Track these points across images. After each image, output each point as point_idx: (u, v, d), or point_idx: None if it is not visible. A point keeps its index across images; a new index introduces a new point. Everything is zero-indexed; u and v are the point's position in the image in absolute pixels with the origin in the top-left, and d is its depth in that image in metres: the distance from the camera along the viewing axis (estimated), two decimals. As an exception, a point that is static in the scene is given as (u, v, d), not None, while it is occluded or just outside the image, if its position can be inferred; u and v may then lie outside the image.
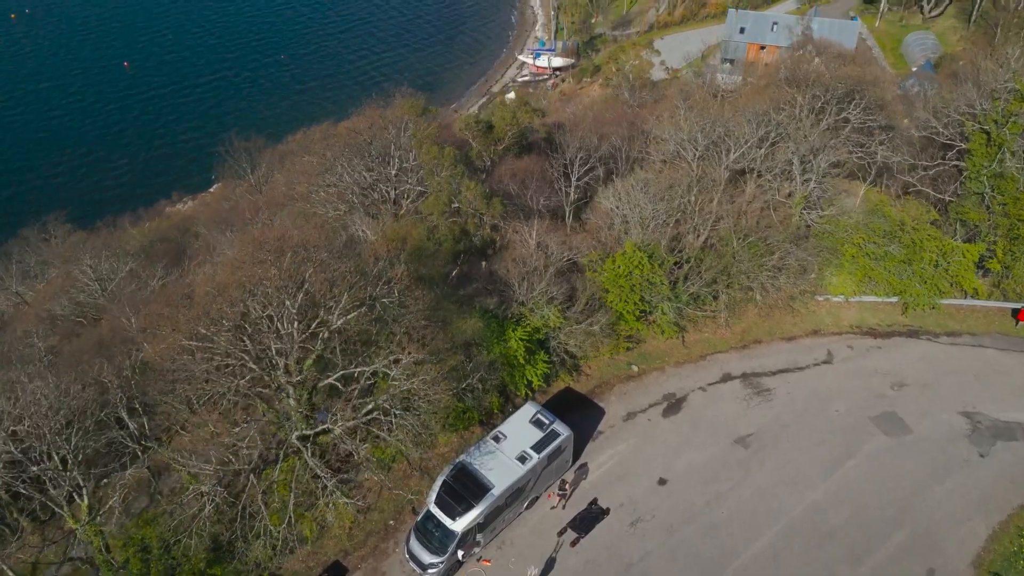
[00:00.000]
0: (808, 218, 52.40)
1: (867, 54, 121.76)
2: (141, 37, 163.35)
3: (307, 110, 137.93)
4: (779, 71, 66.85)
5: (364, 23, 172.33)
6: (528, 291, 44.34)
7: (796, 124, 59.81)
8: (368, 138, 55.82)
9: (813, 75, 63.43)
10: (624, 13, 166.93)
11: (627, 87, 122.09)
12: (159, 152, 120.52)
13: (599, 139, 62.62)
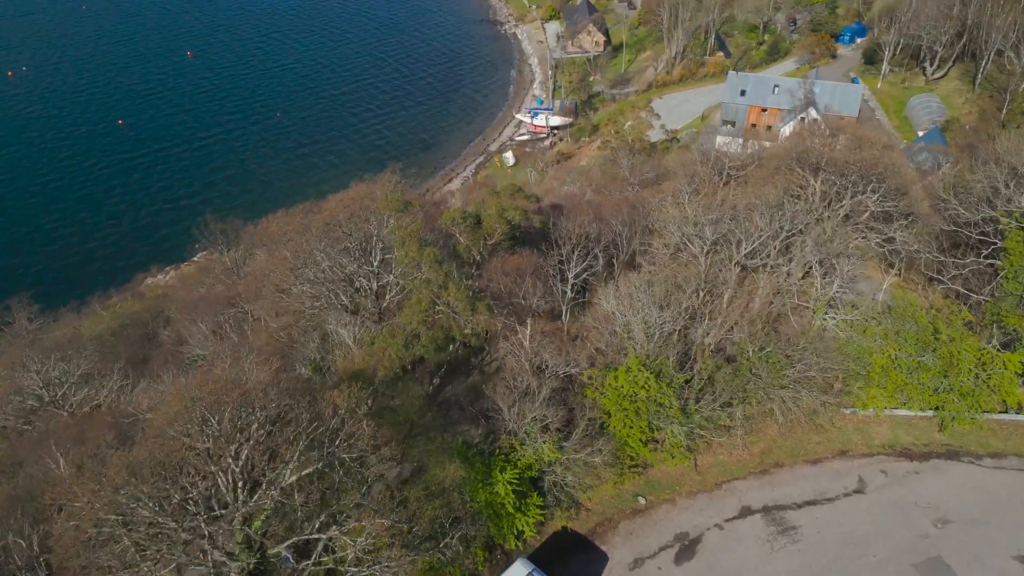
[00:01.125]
0: (830, 323, 46.45)
1: (871, 118, 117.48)
2: (138, 94, 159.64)
3: (301, 172, 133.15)
4: (790, 151, 61.30)
5: (364, 81, 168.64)
6: (519, 417, 38.16)
7: (813, 216, 54.42)
8: (348, 230, 50.22)
9: (826, 157, 58.12)
10: (622, 72, 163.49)
11: (626, 150, 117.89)
12: (144, 219, 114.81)
13: (598, 224, 57.19)
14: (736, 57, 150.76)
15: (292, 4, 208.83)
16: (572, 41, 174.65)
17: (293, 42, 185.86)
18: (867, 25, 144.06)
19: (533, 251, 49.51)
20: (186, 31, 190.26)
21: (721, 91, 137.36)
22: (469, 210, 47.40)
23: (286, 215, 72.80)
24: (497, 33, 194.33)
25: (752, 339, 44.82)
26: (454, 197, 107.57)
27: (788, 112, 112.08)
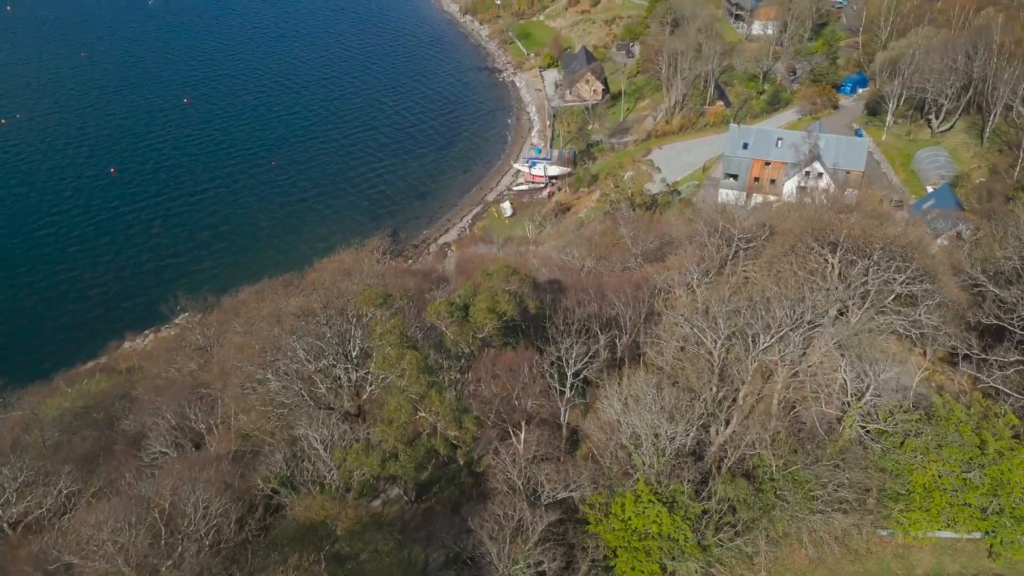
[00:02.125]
0: (863, 433, 40.56)
1: (877, 172, 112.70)
2: (133, 141, 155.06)
3: (292, 226, 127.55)
4: (804, 225, 55.86)
5: (361, 129, 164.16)
6: (509, 563, 32.15)
7: (833, 299, 48.84)
8: (323, 319, 44.56)
9: (844, 232, 52.72)
10: (621, 120, 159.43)
11: (626, 202, 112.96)
12: (127, 276, 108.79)
13: (599, 303, 51.67)
14: (736, 106, 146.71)
15: (293, 53, 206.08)
16: (570, 90, 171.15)
17: (292, 90, 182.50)
18: (868, 75, 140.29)
19: (528, 344, 43.82)
20: (184, 78, 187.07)
21: (722, 141, 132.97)
22: (457, 300, 41.80)
23: (269, 283, 67.30)
24: (495, 81, 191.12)
25: (775, 447, 38.98)
26: (446, 262, 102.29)
27: (792, 166, 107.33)
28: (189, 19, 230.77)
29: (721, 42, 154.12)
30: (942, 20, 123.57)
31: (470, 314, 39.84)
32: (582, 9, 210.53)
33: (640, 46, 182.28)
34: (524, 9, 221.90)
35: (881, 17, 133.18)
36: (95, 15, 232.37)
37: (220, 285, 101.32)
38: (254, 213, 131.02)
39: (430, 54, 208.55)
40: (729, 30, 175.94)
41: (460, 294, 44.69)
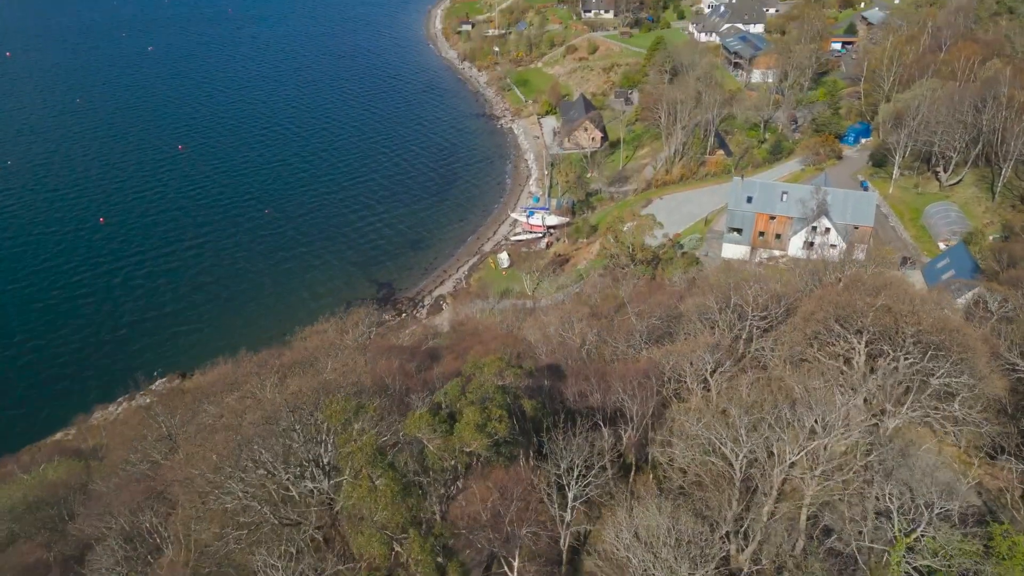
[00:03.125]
0: (910, 569, 34.38)
1: (885, 226, 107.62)
2: (125, 189, 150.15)
3: (283, 281, 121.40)
4: (826, 306, 50.14)
5: (357, 176, 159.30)
6: None
7: (864, 395, 42.97)
8: (292, 423, 38.56)
9: (871, 315, 47.06)
10: (620, 169, 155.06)
11: (626, 255, 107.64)
12: (106, 337, 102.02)
13: (603, 393, 45.83)
14: (737, 156, 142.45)
15: (291, 99, 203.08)
16: (568, 137, 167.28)
17: (289, 137, 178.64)
18: (871, 125, 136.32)
19: (523, 452, 37.84)
20: (181, 124, 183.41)
21: (723, 192, 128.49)
22: (442, 408, 35.86)
23: (245, 360, 61.29)
24: (494, 127, 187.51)
25: None
26: (439, 322, 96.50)
27: (799, 220, 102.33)
28: (188, 65, 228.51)
29: (721, 91, 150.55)
30: (946, 72, 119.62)
31: (456, 431, 33.93)
32: (580, 56, 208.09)
33: (638, 94, 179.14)
34: (522, 56, 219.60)
35: (883, 68, 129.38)
36: (95, 61, 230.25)
37: (201, 348, 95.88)
38: (244, 266, 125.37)
39: (428, 100, 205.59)
40: (728, 78, 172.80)
41: (448, 392, 38.80)
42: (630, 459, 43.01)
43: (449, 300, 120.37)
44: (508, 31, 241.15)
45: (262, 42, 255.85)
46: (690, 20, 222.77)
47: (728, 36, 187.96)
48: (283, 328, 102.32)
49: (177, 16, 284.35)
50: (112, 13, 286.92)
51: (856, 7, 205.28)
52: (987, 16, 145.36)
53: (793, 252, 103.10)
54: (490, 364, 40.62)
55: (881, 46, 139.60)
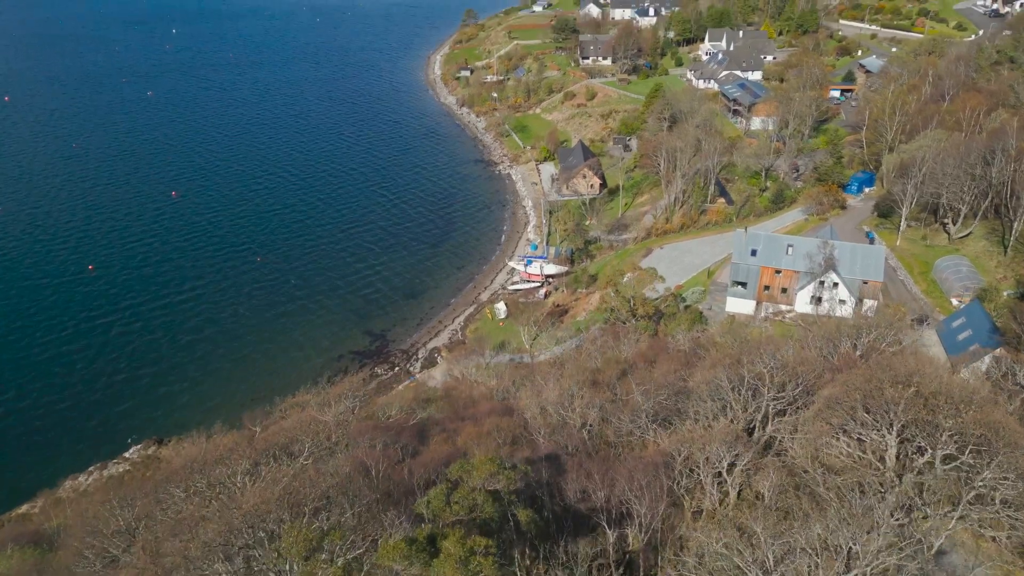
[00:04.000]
0: None
1: (895, 279, 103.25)
2: (115, 236, 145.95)
3: (270, 335, 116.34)
4: (852, 390, 45.19)
5: (352, 223, 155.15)
6: None
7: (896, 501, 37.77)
8: (250, 542, 33.24)
9: (902, 404, 42.06)
10: (619, 216, 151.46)
11: (626, 309, 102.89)
12: (78, 399, 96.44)
13: (607, 490, 40.68)
14: (739, 204, 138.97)
15: (289, 144, 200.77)
16: (567, 184, 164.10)
17: (286, 183, 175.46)
18: (875, 174, 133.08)
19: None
20: (177, 170, 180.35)
21: (725, 241, 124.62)
22: (420, 534, 30.59)
23: (216, 438, 56.00)
24: (492, 173, 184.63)
25: None
26: (433, 379, 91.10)
27: (805, 274, 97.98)
28: (187, 110, 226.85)
29: (720, 138, 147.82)
30: (951, 122, 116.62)
31: (435, 567, 28.67)
32: (578, 103, 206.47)
33: (637, 140, 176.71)
34: (520, 102, 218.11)
35: (885, 117, 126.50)
36: (94, 106, 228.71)
37: (186, 410, 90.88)
38: (237, 318, 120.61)
39: (427, 145, 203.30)
40: (728, 125, 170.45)
41: (431, 501, 33.66)
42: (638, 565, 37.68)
43: (444, 353, 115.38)
44: (507, 77, 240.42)
45: (263, 87, 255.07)
46: (688, 67, 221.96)
47: (727, 83, 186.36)
48: (272, 384, 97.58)
49: (179, 61, 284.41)
50: (114, 58, 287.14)
51: (853, 55, 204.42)
52: (987, 65, 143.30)
53: (800, 307, 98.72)
54: (480, 467, 35.61)
55: (882, 95, 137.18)
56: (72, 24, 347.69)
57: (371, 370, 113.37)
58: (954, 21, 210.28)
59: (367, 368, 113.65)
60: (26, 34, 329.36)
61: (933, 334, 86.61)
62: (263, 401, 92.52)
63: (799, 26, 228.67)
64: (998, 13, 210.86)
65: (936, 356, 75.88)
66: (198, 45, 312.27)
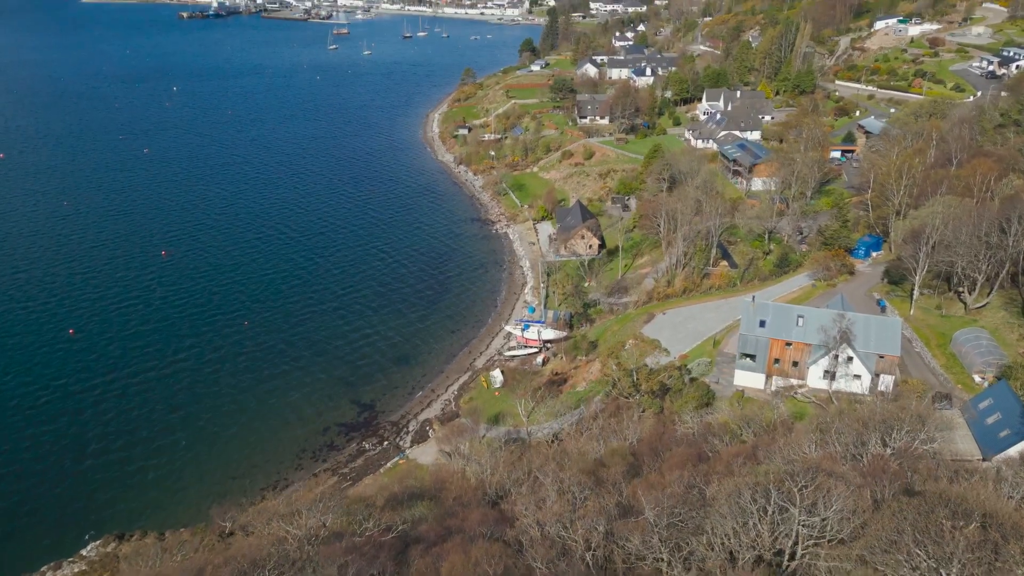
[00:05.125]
0: None
1: (911, 351, 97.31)
2: (101, 298, 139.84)
3: (252, 407, 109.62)
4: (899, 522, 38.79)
5: (343, 284, 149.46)
6: None
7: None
8: None
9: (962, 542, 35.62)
10: (619, 278, 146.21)
11: (629, 384, 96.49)
12: (43, 485, 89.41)
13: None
14: (742, 267, 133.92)
15: (285, 202, 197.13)
16: (565, 244, 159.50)
17: (278, 242, 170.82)
18: (882, 238, 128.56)
19: None
20: (168, 228, 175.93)
21: (730, 307, 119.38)
22: None
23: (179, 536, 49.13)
24: (488, 233, 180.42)
25: None
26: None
27: (817, 347, 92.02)
28: (183, 168, 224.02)
29: (722, 200, 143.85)
30: (960, 187, 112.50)
31: None
32: (576, 162, 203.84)
33: (636, 200, 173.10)
34: (518, 161, 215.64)
35: (891, 180, 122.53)
36: (88, 163, 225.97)
37: (152, 492, 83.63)
38: (215, 389, 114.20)
39: (424, 203, 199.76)
40: (728, 186, 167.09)
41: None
42: None
43: (436, 427, 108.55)
44: (504, 136, 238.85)
45: (261, 144, 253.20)
46: (686, 127, 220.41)
47: (726, 143, 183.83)
48: (253, 460, 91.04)
49: (177, 119, 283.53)
50: (113, 115, 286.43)
51: (852, 115, 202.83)
52: (991, 128, 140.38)
53: (813, 382, 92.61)
54: None
55: (886, 157, 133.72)
56: (74, 82, 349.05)
57: (358, 444, 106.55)
58: (951, 82, 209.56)
59: (354, 442, 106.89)
60: (27, 91, 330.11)
61: (957, 414, 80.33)
62: (242, 479, 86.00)
63: (796, 86, 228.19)
64: (995, 74, 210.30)
65: (968, 450, 69.69)
66: (198, 102, 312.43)
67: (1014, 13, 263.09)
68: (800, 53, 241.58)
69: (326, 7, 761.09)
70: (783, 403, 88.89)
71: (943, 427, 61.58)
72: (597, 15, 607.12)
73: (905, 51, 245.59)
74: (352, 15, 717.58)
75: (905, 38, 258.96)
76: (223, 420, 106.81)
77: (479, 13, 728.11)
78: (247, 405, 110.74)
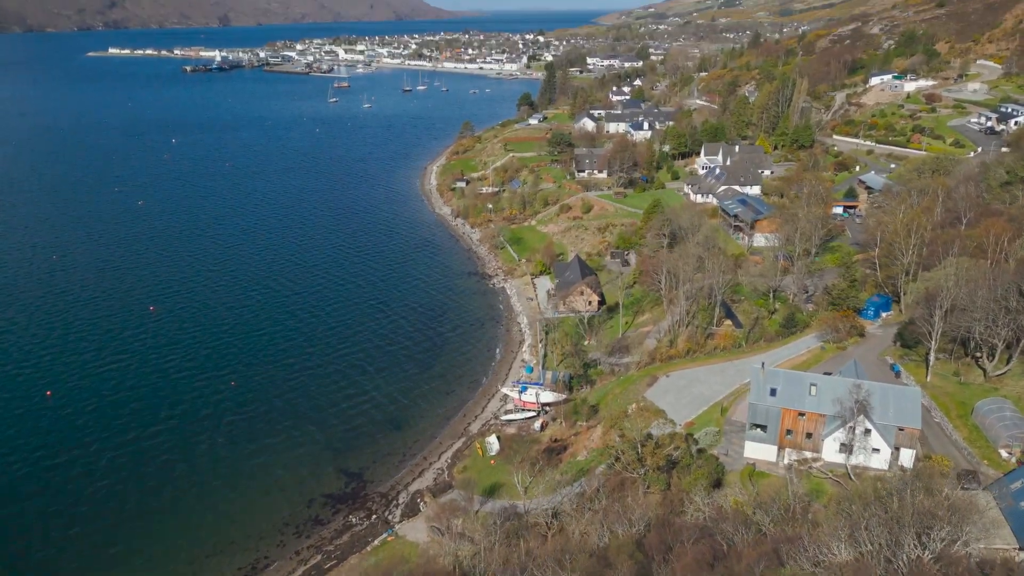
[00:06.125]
0: None
1: (929, 421, 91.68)
2: (83, 359, 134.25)
3: (231, 478, 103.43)
4: None
5: (337, 343, 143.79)
6: None
7: None
8: None
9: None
10: (620, 336, 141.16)
11: (634, 458, 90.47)
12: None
13: None
14: (747, 327, 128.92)
15: (281, 257, 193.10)
16: (564, 301, 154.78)
17: (273, 298, 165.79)
18: (892, 298, 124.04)
19: None
20: (157, 282, 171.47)
21: (735, 369, 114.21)
22: None
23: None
24: (486, 287, 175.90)
25: None
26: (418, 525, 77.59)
27: (832, 418, 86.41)
28: (177, 220, 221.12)
29: (725, 258, 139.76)
30: (972, 247, 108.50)
31: None
32: (574, 215, 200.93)
33: (636, 255, 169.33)
34: (516, 214, 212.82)
35: (900, 239, 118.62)
36: (82, 215, 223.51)
37: None
38: (191, 458, 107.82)
39: (421, 257, 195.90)
40: (730, 242, 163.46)
41: None
42: None
43: (427, 499, 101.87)
44: (502, 189, 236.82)
45: (258, 197, 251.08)
46: (685, 181, 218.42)
47: (726, 198, 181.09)
48: (230, 536, 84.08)
49: (175, 171, 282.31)
50: (111, 167, 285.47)
51: (852, 170, 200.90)
52: (997, 186, 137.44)
53: (829, 455, 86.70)
54: None
55: (893, 215, 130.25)
56: (74, 134, 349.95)
57: (345, 518, 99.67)
58: (950, 138, 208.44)
59: (340, 515, 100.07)
60: (26, 143, 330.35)
61: (988, 496, 74.31)
62: (219, 556, 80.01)
63: (794, 141, 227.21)
64: (994, 130, 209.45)
65: (1003, 536, 63.66)
66: (197, 154, 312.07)
67: (1008, 70, 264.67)
68: (798, 108, 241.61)
69: (327, 61, 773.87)
70: (798, 478, 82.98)
71: (982, 523, 55.69)
72: (594, 70, 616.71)
73: (902, 106, 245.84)
74: (353, 69, 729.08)
75: (901, 94, 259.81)
76: (203, 493, 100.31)
77: (478, 68, 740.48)
78: (229, 475, 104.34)
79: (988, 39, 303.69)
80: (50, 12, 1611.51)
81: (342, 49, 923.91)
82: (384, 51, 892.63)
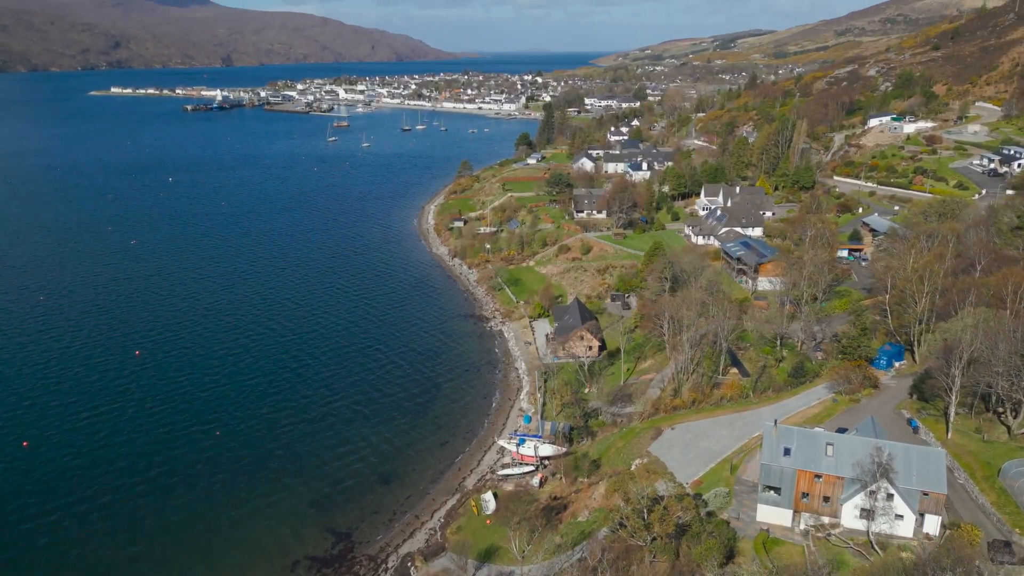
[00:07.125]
0: None
1: (952, 482, 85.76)
2: (61, 409, 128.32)
3: (212, 542, 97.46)
4: None
5: (326, 392, 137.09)
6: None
7: None
8: None
9: None
10: (621, 384, 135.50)
11: (640, 525, 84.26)
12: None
13: None
14: (754, 376, 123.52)
15: (274, 299, 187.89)
16: (563, 346, 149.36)
17: (264, 343, 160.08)
18: (903, 346, 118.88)
19: None
20: (145, 324, 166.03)
21: (743, 422, 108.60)
22: None
23: None
24: (482, 330, 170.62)
25: None
26: None
27: (852, 481, 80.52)
28: (170, 261, 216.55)
29: (729, 303, 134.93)
30: (988, 295, 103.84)
31: None
32: (573, 256, 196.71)
33: (637, 299, 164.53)
34: (514, 254, 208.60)
35: (912, 286, 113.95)
36: (74, 255, 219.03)
37: None
38: (176, 521, 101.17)
39: (417, 298, 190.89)
40: (734, 286, 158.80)
41: None
42: None
43: (418, 563, 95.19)
44: (500, 229, 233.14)
45: (253, 237, 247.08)
46: (685, 222, 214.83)
47: (728, 240, 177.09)
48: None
49: (170, 210, 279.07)
50: (104, 205, 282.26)
51: (854, 212, 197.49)
52: (1008, 231, 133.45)
53: (848, 521, 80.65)
54: None
55: (902, 259, 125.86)
56: (71, 173, 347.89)
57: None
58: (953, 180, 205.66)
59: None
60: (23, 182, 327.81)
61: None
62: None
63: (795, 182, 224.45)
64: (996, 172, 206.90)
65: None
66: (193, 193, 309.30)
67: (1008, 112, 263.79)
68: (797, 149, 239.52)
69: (328, 100, 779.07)
70: (816, 547, 76.94)
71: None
72: (592, 110, 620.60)
73: (902, 148, 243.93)
74: (353, 108, 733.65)
75: (901, 135, 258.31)
76: (180, 559, 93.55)
77: (477, 108, 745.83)
78: (208, 538, 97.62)
79: (986, 81, 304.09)
80: (54, 52, 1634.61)
81: (342, 89, 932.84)
82: (384, 91, 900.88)
